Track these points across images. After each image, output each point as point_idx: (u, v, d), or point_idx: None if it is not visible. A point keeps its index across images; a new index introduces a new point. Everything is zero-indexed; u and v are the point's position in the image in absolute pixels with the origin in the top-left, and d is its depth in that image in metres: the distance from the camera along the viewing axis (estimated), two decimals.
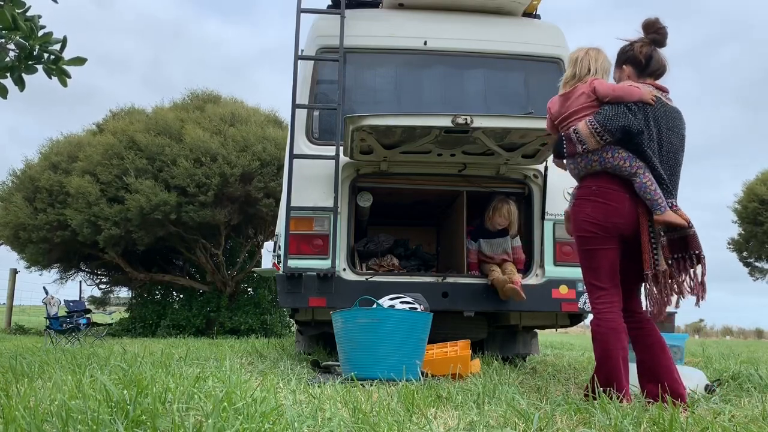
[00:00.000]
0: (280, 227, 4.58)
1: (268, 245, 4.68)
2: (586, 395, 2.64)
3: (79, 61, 3.52)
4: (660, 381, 2.60)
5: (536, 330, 5.29)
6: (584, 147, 2.73)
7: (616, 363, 2.59)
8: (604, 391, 2.41)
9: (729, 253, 21.37)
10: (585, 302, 4.38)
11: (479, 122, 3.85)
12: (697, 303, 2.70)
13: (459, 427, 1.92)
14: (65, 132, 12.49)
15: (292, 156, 4.48)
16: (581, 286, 4.36)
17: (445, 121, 3.85)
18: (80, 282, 11.01)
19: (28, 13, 3.30)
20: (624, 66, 2.85)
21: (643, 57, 2.80)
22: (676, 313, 3.73)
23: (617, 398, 2.37)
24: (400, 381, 2.88)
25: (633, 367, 2.89)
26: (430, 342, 3.63)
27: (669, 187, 2.70)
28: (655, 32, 2.82)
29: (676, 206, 2.70)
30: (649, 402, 2.45)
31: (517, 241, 4.69)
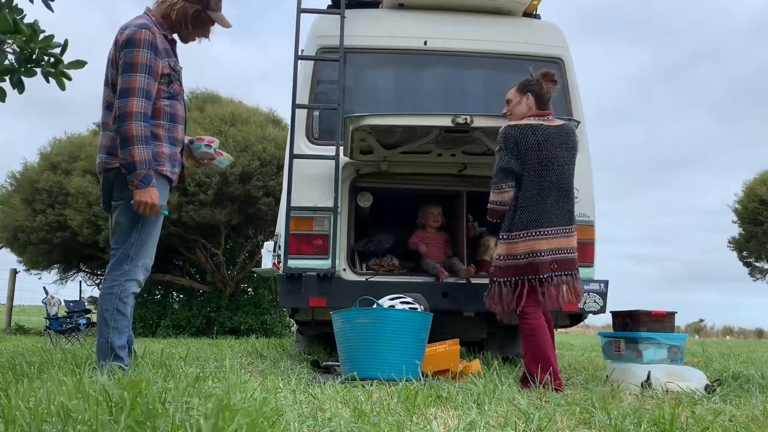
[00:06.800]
0: (280, 227, 4.58)
1: (268, 245, 4.68)
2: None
3: (79, 64, 3.52)
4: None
5: None
6: None
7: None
8: None
9: (729, 253, 21.39)
10: (585, 302, 4.37)
11: (479, 122, 3.85)
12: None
13: (459, 427, 1.92)
14: (68, 132, 12.49)
15: (292, 156, 4.48)
16: (581, 287, 4.35)
17: (446, 121, 3.85)
18: (80, 282, 11.02)
19: (26, 20, 3.31)
20: (529, 93, 3.39)
21: (546, 96, 3.37)
22: (675, 312, 3.73)
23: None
24: (400, 381, 2.88)
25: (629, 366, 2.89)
26: (429, 342, 3.63)
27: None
28: (555, 83, 3.41)
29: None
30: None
31: None
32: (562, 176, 3.30)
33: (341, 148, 4.38)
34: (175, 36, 3.16)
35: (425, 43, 4.75)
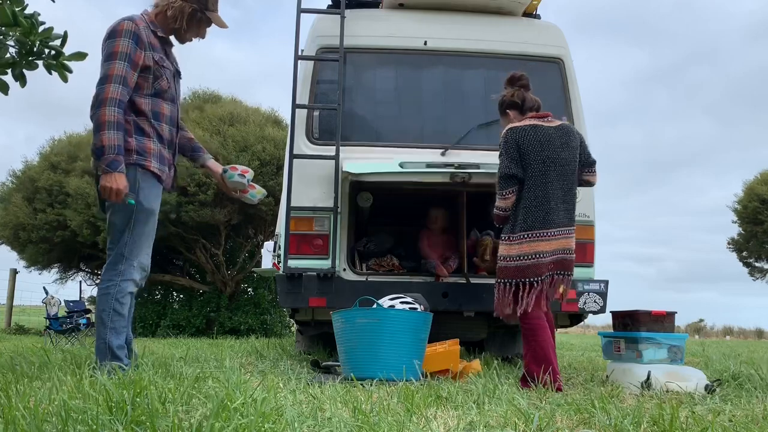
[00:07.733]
0: (280, 227, 4.58)
1: (268, 245, 4.68)
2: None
3: (80, 56, 3.52)
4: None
5: None
6: None
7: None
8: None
9: (729, 253, 21.40)
10: (585, 302, 4.37)
11: (478, 179, 3.90)
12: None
13: (459, 427, 1.92)
14: (67, 131, 12.47)
15: (292, 156, 4.48)
16: (581, 286, 4.36)
17: (444, 177, 3.93)
18: (80, 282, 10.98)
19: (27, 11, 3.31)
20: (508, 111, 3.49)
21: (518, 100, 3.46)
22: (675, 312, 3.73)
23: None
24: (400, 381, 2.88)
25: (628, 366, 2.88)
26: (429, 342, 3.62)
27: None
28: (519, 80, 3.51)
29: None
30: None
31: None
32: (565, 176, 3.29)
33: (341, 148, 4.38)
34: (172, 37, 3.16)
35: (425, 43, 4.75)
